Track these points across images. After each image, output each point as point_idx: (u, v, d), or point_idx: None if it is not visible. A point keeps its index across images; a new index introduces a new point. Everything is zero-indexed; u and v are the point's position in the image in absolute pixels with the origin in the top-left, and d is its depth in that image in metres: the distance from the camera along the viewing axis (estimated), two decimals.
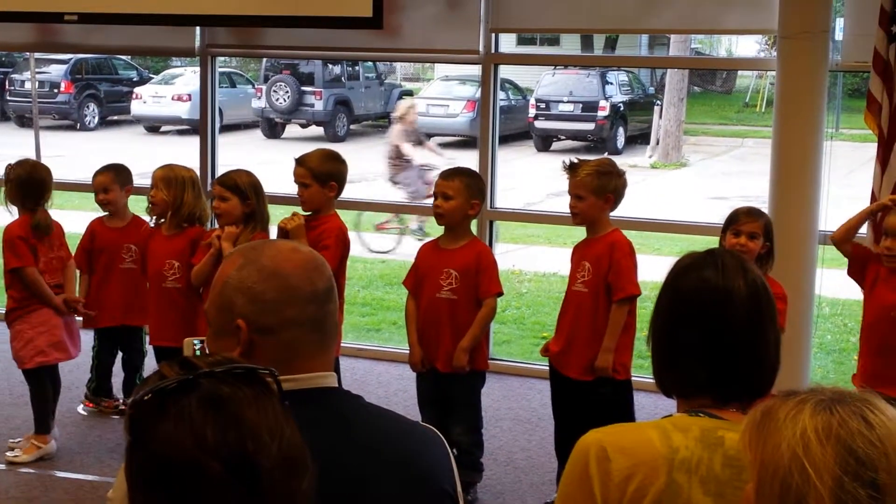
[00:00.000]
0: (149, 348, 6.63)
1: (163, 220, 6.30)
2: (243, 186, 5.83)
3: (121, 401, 6.97)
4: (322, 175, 5.74)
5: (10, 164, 6.33)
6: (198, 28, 8.32)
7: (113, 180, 6.72)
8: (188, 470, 1.47)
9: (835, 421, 1.56)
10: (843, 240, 5.36)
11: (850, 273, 5.41)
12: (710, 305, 2.21)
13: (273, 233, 5.84)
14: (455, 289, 5.60)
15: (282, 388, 1.60)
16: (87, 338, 6.76)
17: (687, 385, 2.23)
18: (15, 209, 6.29)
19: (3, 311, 6.51)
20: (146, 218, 6.51)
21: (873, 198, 6.27)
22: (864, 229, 6.43)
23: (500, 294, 5.74)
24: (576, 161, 5.51)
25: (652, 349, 2.30)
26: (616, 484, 2.07)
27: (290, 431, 1.55)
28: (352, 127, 24.93)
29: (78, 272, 6.69)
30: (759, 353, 2.22)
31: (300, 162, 5.81)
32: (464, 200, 5.59)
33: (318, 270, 2.16)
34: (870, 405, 1.59)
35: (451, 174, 5.69)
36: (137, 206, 6.80)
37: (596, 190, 5.38)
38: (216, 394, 1.51)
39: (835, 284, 7.23)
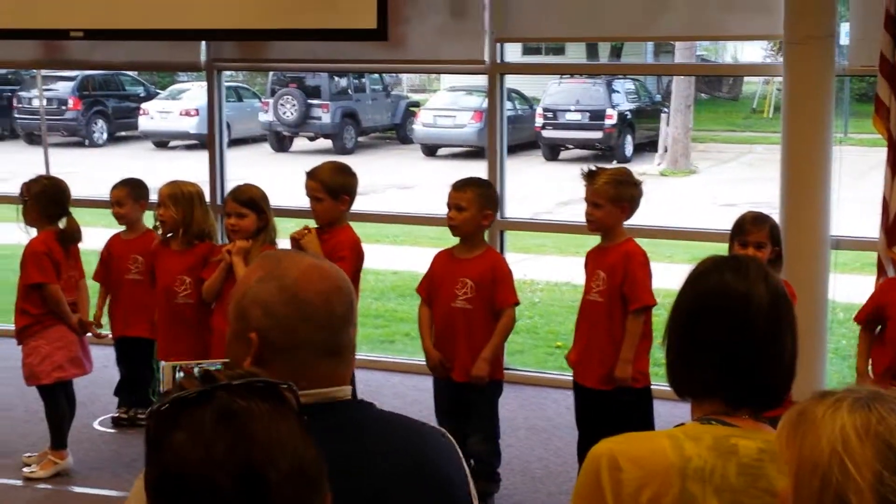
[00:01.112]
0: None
1: (170, 235, 6.30)
2: (259, 201, 5.85)
3: (128, 414, 6.97)
4: (335, 188, 5.73)
5: (25, 183, 6.33)
6: (203, 42, 8.34)
7: (127, 195, 6.76)
8: (197, 482, 1.48)
9: (873, 418, 1.57)
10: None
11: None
12: (730, 307, 2.20)
13: (280, 246, 5.84)
14: (470, 298, 5.59)
15: (300, 402, 1.60)
16: (100, 353, 6.76)
17: (700, 386, 2.22)
18: (34, 230, 6.27)
19: (12, 328, 6.47)
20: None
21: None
22: (875, 232, 6.44)
23: (517, 304, 5.74)
24: (594, 169, 5.52)
25: (667, 348, 2.28)
26: (628, 494, 2.06)
27: (304, 446, 1.55)
28: (359, 139, 24.95)
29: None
30: (775, 359, 2.20)
31: (312, 176, 5.79)
32: (477, 211, 5.59)
33: (340, 294, 2.14)
34: None
35: (463, 185, 5.67)
36: (151, 221, 6.79)
37: (613, 198, 5.38)
38: (230, 407, 1.52)
39: (848, 289, 7.21)
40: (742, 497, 2.05)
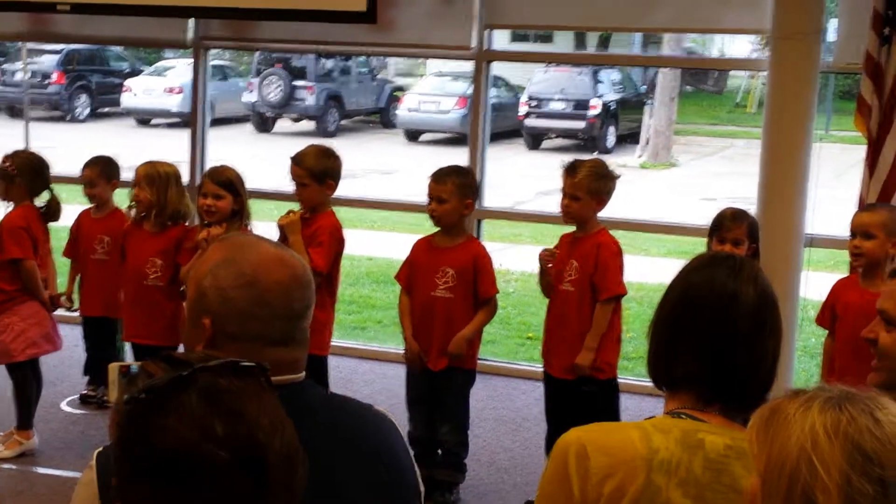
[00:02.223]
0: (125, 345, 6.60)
1: (143, 215, 6.25)
2: (236, 183, 5.81)
3: (96, 393, 6.95)
4: (320, 173, 5.68)
5: (6, 156, 6.28)
6: (191, 20, 8.31)
7: (99, 175, 6.73)
8: (194, 460, 1.47)
9: (843, 418, 1.58)
10: None
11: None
12: (715, 302, 2.22)
13: (257, 229, 5.80)
14: (451, 287, 5.60)
15: (272, 384, 1.60)
16: (68, 332, 6.72)
17: (676, 377, 2.24)
18: (12, 204, 6.25)
19: None
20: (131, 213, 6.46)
21: (860, 201, 6.28)
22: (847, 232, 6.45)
23: (497, 293, 5.77)
24: (575, 162, 5.54)
25: (650, 337, 2.30)
26: (594, 483, 2.07)
27: (289, 426, 1.57)
28: (343, 122, 24.88)
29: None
30: (754, 359, 2.22)
31: (297, 162, 5.72)
32: (458, 202, 5.61)
33: (300, 286, 2.11)
34: (878, 404, 1.61)
35: (443, 176, 5.66)
36: (123, 199, 6.73)
37: (593, 191, 5.43)
38: (216, 387, 1.52)
39: (820, 287, 7.23)
40: (706, 491, 2.07)
